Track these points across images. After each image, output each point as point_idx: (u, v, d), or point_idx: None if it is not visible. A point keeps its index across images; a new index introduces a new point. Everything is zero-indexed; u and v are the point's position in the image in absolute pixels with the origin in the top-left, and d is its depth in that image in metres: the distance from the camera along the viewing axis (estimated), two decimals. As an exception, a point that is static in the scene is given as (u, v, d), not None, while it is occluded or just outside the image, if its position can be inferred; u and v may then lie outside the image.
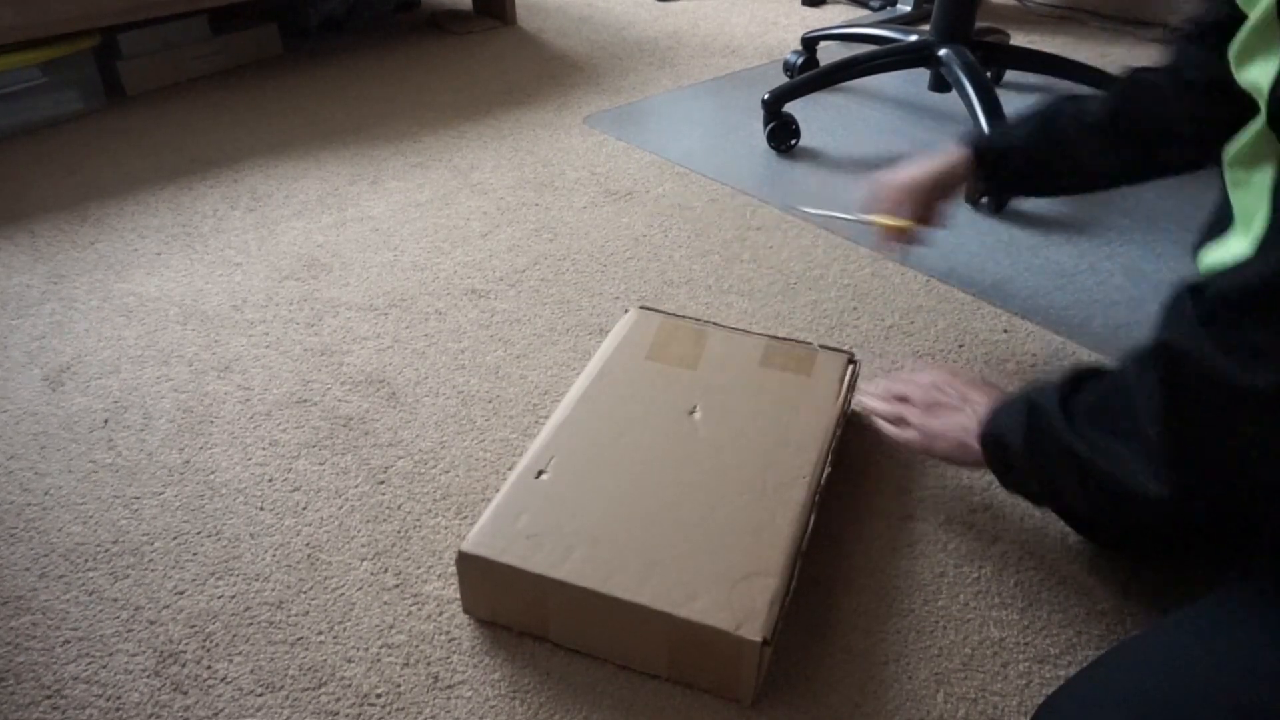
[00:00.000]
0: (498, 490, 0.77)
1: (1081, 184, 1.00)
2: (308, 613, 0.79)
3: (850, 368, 0.93)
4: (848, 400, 0.92)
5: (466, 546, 0.74)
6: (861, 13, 2.37)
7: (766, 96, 1.57)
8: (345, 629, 0.78)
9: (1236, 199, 0.55)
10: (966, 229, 1.35)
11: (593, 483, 0.79)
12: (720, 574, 0.70)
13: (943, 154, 1.02)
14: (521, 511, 0.76)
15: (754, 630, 0.66)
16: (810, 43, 1.89)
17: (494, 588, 0.75)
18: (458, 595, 0.80)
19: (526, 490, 0.78)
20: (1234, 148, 0.53)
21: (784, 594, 0.70)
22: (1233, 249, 0.54)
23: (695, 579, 0.70)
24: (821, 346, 0.96)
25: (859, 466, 0.93)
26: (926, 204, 1.03)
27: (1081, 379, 0.67)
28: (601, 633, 0.72)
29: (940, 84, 1.71)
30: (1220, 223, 0.58)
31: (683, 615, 0.67)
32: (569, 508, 0.76)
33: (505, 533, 0.74)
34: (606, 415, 0.86)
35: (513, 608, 0.75)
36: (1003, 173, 1.00)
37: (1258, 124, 0.50)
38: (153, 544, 0.86)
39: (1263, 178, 0.49)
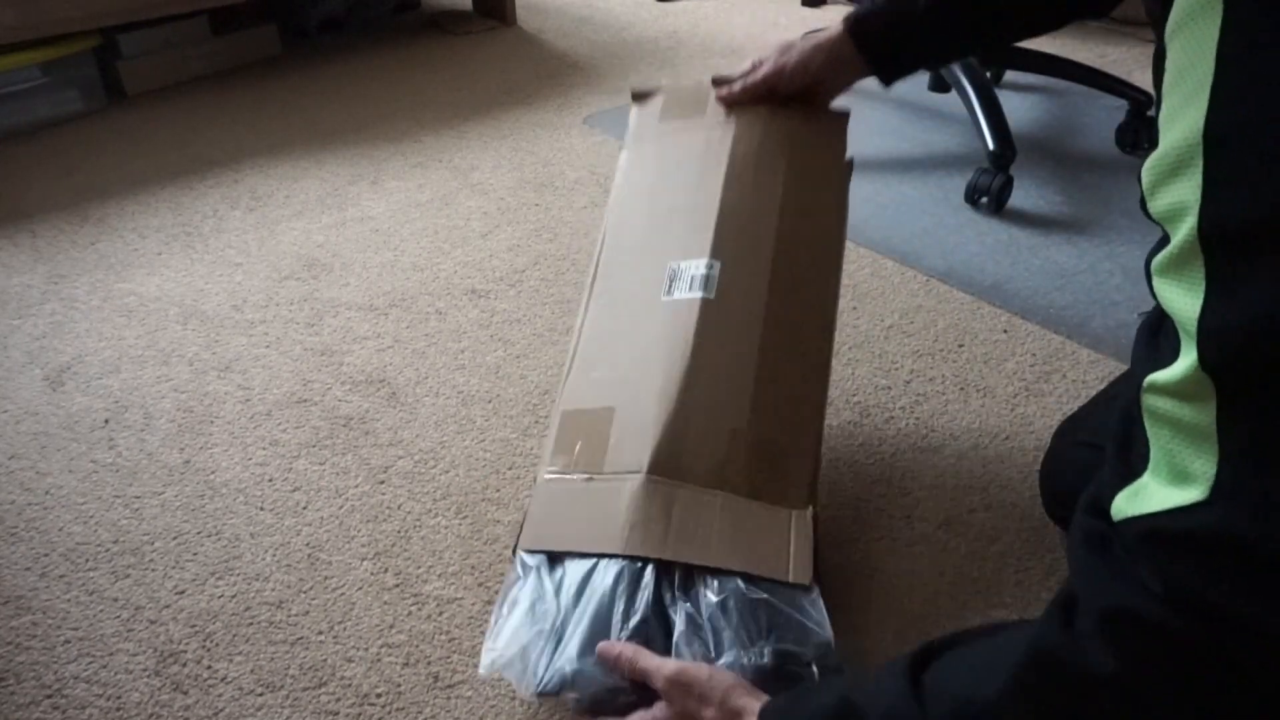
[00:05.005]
0: (498, 490, 0.76)
1: (967, 48, 0.90)
2: (308, 612, 0.80)
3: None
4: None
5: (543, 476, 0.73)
6: (861, 13, 2.37)
7: (766, 96, 1.56)
8: (345, 629, 0.78)
9: (1157, 437, 0.44)
10: (966, 229, 1.35)
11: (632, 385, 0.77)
12: (762, 458, 0.72)
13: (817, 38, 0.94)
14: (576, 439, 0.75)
15: (800, 502, 0.69)
16: (810, 43, 1.89)
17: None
18: (458, 595, 0.80)
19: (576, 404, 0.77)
20: (1160, 379, 0.43)
21: (815, 468, 0.73)
22: (1156, 498, 0.43)
23: (743, 467, 0.71)
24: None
25: (858, 465, 0.93)
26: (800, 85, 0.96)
27: (933, 652, 0.54)
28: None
29: (940, 84, 1.71)
30: (1129, 469, 0.46)
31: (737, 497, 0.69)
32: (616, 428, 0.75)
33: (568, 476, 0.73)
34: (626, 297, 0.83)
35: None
36: (884, 45, 0.92)
37: (1187, 362, 0.41)
38: (153, 544, 0.86)
39: (1198, 416, 0.40)
